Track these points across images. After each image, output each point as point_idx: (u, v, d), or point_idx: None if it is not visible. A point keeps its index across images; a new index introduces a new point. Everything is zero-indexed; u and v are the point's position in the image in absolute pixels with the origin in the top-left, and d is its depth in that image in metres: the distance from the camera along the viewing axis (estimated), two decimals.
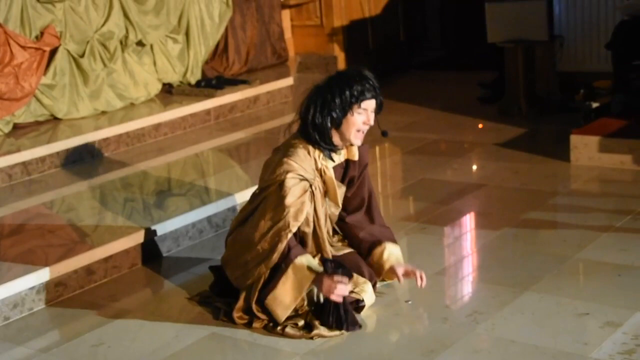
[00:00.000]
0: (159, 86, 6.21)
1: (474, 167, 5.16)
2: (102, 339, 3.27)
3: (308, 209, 3.16)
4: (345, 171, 3.38)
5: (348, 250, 3.45)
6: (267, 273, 3.13)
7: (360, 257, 3.44)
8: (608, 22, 6.44)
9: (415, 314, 3.31)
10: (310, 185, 3.16)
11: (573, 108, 5.90)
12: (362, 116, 3.19)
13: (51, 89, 5.53)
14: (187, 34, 6.38)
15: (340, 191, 3.37)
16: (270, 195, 3.15)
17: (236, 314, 3.21)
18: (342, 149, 3.29)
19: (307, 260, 3.13)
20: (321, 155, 3.21)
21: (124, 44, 5.92)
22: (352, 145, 3.29)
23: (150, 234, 3.99)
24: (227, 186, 4.67)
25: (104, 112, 5.80)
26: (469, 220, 4.30)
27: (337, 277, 3.07)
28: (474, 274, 3.69)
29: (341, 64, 7.35)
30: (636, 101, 5.32)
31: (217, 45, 6.68)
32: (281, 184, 3.10)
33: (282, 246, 3.09)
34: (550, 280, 3.50)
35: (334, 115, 3.15)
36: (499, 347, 3.00)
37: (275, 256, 3.10)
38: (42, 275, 3.56)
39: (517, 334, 3.07)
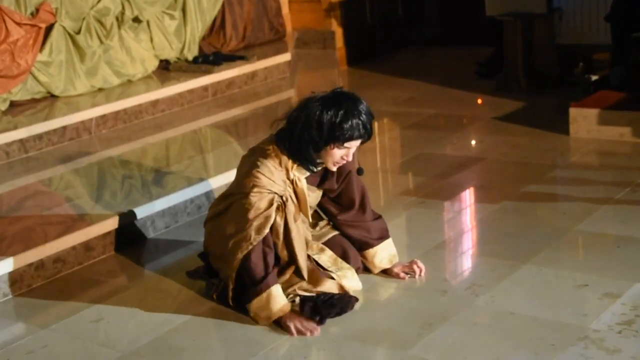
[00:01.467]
0: (156, 63, 6.18)
1: (473, 141, 5.14)
2: (101, 315, 3.27)
3: (277, 221, 3.09)
4: (323, 177, 3.27)
5: (334, 233, 3.40)
6: (234, 276, 3.10)
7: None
8: None
9: (414, 287, 3.31)
10: (282, 197, 3.10)
11: (572, 81, 5.89)
12: (342, 151, 3.08)
13: (47, 66, 5.50)
14: (183, 10, 6.33)
15: (315, 195, 3.30)
16: (236, 202, 3.10)
17: (231, 302, 3.19)
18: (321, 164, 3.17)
19: (280, 291, 3.07)
20: (294, 165, 3.11)
21: (120, 20, 5.88)
22: None
23: (148, 210, 3.98)
24: (225, 162, 4.66)
25: (100, 89, 5.77)
26: (467, 194, 4.29)
27: (308, 325, 3.01)
28: (473, 248, 3.68)
29: (339, 40, 7.31)
30: (635, 74, 5.29)
31: (214, 21, 6.64)
32: (246, 196, 3.05)
33: (241, 255, 3.03)
34: (549, 252, 3.49)
35: (316, 141, 3.02)
36: (498, 320, 3.00)
37: (236, 264, 3.06)
38: (40, 252, 3.55)
39: (516, 306, 3.07)
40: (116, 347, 3.02)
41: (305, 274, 3.18)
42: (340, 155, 3.10)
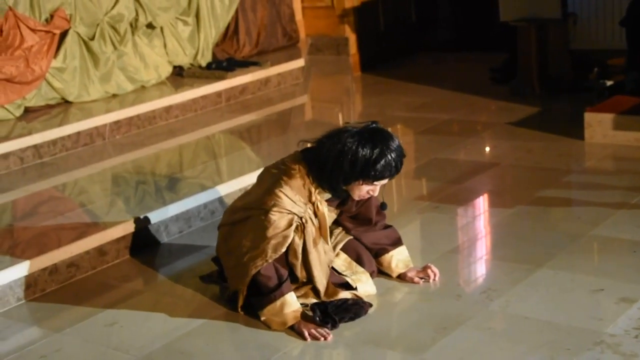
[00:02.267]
0: (170, 69, 6.19)
1: (487, 147, 5.12)
2: (115, 319, 3.27)
3: (296, 241, 3.09)
4: (343, 201, 3.26)
5: (348, 238, 3.39)
6: (245, 289, 3.09)
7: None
8: None
9: (428, 292, 3.29)
10: (301, 218, 3.09)
11: (586, 87, 5.85)
12: (370, 187, 3.09)
13: (62, 72, 5.52)
14: (197, 16, 6.35)
15: (332, 215, 3.29)
16: (255, 217, 3.09)
17: (240, 310, 3.19)
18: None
19: (294, 298, 3.07)
20: (318, 189, 3.10)
21: (134, 26, 5.90)
22: None
23: (162, 214, 3.98)
24: (239, 167, 4.66)
25: (114, 95, 5.79)
26: (482, 199, 4.27)
27: (321, 331, 2.99)
28: (488, 252, 3.66)
29: (352, 46, 7.31)
30: None
31: (227, 27, 6.65)
32: (266, 214, 3.04)
33: (254, 271, 3.02)
34: (565, 257, 3.47)
35: (347, 176, 3.03)
36: (512, 324, 2.98)
37: (248, 279, 3.05)
38: (54, 256, 3.56)
39: (531, 311, 3.05)
40: (129, 351, 3.02)
41: (322, 294, 3.17)
42: (367, 190, 3.10)
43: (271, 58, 6.61)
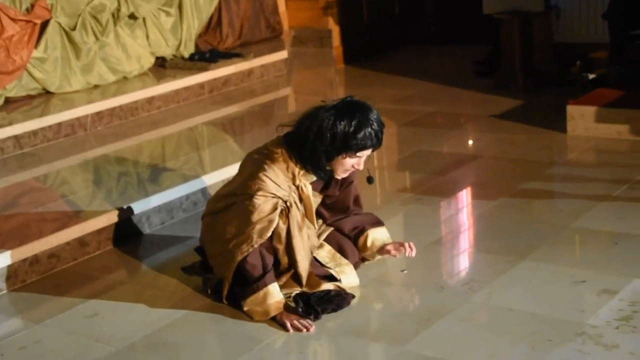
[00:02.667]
0: (152, 60, 6.15)
1: (470, 139, 5.13)
2: (96, 310, 3.24)
3: (281, 225, 3.08)
4: (326, 184, 3.26)
5: (330, 229, 3.38)
6: (230, 276, 3.07)
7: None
8: None
9: (411, 284, 3.29)
10: (286, 202, 3.07)
11: (570, 80, 5.87)
12: (354, 160, 3.07)
13: (43, 62, 5.47)
14: (180, 7, 6.30)
15: (316, 200, 3.28)
16: (239, 203, 3.07)
17: (225, 301, 3.17)
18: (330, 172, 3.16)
19: (277, 289, 3.06)
20: (301, 171, 3.09)
21: (116, 17, 5.85)
22: None
23: (143, 206, 3.95)
24: (222, 159, 4.64)
25: (96, 86, 5.74)
26: (465, 191, 4.27)
27: (303, 322, 2.98)
28: (470, 244, 3.66)
29: (336, 38, 7.29)
30: (633, 71, 5.28)
31: (210, 19, 6.61)
32: (250, 198, 3.02)
33: (240, 257, 3.00)
34: (547, 249, 3.48)
35: (329, 150, 3.01)
36: (495, 316, 2.99)
37: (234, 265, 3.03)
38: (34, 247, 3.53)
39: (514, 302, 3.05)
40: (111, 342, 3.00)
41: (304, 281, 3.16)
42: (352, 163, 3.08)
43: (254, 50, 6.58)
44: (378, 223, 3.43)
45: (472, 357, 2.72)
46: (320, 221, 3.40)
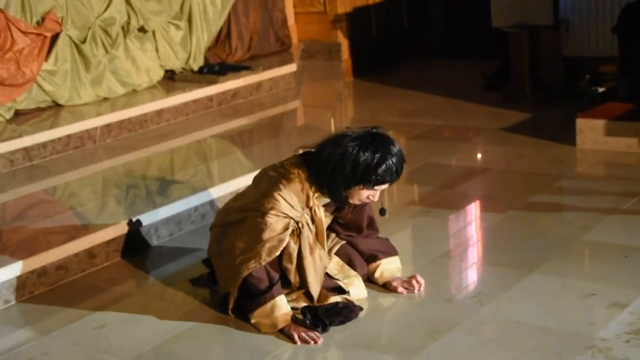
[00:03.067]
0: (161, 73, 6.18)
1: (479, 152, 5.12)
2: (104, 322, 3.24)
3: (292, 245, 3.08)
4: (338, 207, 3.26)
5: (342, 243, 3.37)
6: (236, 291, 3.07)
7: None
8: (614, 5, 6.36)
9: (419, 296, 3.28)
10: (298, 223, 3.07)
11: (578, 93, 5.86)
12: (371, 192, 3.08)
13: (52, 75, 5.50)
14: (189, 20, 6.34)
15: (327, 220, 3.27)
16: (251, 219, 3.06)
17: (231, 313, 3.17)
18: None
19: (285, 301, 3.05)
20: (316, 194, 3.09)
21: (125, 30, 5.89)
22: None
23: (152, 217, 3.96)
24: (230, 171, 4.64)
25: (106, 99, 5.77)
26: (473, 204, 4.26)
27: (311, 334, 2.97)
28: (479, 256, 3.65)
29: (345, 52, 7.30)
30: None
31: (219, 32, 6.65)
32: (263, 216, 3.02)
33: (246, 273, 2.99)
34: (556, 262, 3.46)
35: (347, 180, 3.01)
36: (503, 328, 2.97)
37: (239, 281, 3.03)
38: (43, 259, 3.53)
39: (522, 315, 3.04)
40: (118, 354, 2.99)
41: (315, 299, 3.15)
42: (367, 195, 3.09)
43: (263, 63, 6.60)
44: (391, 252, 3.40)
45: None
46: (333, 235, 3.39)
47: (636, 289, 3.15)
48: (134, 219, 3.88)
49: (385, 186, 3.08)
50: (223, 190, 4.28)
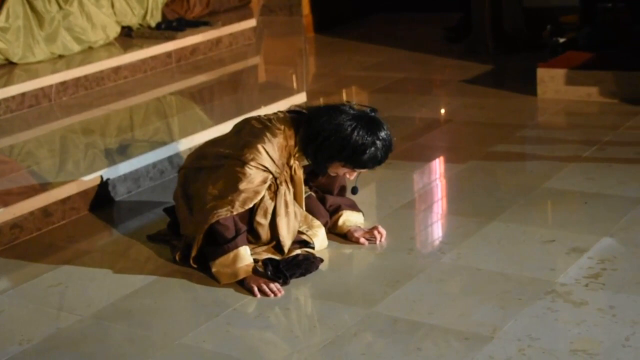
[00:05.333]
0: (118, 29, 6.03)
1: (441, 104, 5.10)
2: (59, 280, 3.18)
3: (268, 201, 3.06)
4: (314, 172, 3.27)
5: (309, 193, 3.35)
6: (201, 238, 3.03)
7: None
8: None
9: (381, 247, 3.26)
10: (276, 179, 3.05)
11: (540, 44, 5.84)
12: (349, 171, 3.11)
13: (4, 32, 5.35)
14: None
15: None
16: (229, 167, 3.02)
17: (193, 263, 3.12)
18: None
19: (248, 252, 3.02)
20: (298, 153, 3.07)
21: None
22: None
23: (109, 175, 3.88)
24: (190, 127, 4.56)
25: (61, 56, 5.63)
26: (435, 155, 4.24)
27: (272, 286, 2.94)
28: (440, 206, 3.64)
29: (305, 7, 7.22)
30: (602, 34, 5.26)
31: None
32: (242, 166, 2.98)
33: (214, 220, 2.95)
34: (517, 210, 3.46)
35: (332, 155, 3.00)
36: (464, 275, 2.96)
37: (206, 226, 2.98)
38: None
39: (483, 262, 3.03)
40: (75, 310, 2.94)
41: (286, 252, 3.13)
42: (345, 172, 3.12)
43: (222, 18, 6.48)
44: (355, 208, 3.40)
45: (442, 318, 2.69)
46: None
47: (595, 235, 3.16)
48: (91, 177, 3.81)
49: (365, 170, 3.11)
50: (182, 146, 4.21)
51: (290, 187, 3.12)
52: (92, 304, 2.98)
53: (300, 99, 4.94)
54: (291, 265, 3.06)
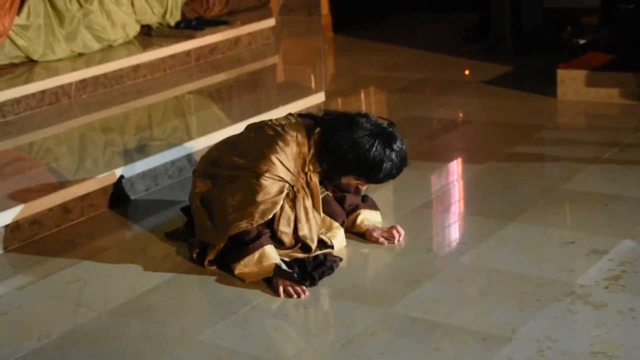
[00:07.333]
0: (138, 28, 6.05)
1: (460, 105, 5.07)
2: (78, 276, 3.19)
3: (288, 211, 3.06)
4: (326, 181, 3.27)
5: (326, 193, 3.33)
6: (222, 246, 3.04)
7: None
8: None
9: (399, 246, 3.25)
10: (292, 187, 3.05)
11: (560, 45, 5.81)
12: (361, 183, 3.15)
13: (25, 29, 5.38)
14: None
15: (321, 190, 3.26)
16: (245, 178, 3.01)
17: (207, 265, 3.13)
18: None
19: (273, 251, 3.02)
20: (312, 160, 3.07)
21: None
22: None
23: (127, 172, 3.90)
24: (208, 126, 4.57)
25: (80, 54, 5.65)
26: (453, 155, 4.23)
27: (297, 288, 2.92)
28: (459, 207, 3.62)
29: (324, 6, 7.21)
30: (623, 35, 5.23)
31: None
32: (257, 178, 2.98)
33: (235, 232, 2.96)
34: (536, 211, 3.44)
35: (348, 169, 3.03)
36: (482, 276, 2.95)
37: (225, 238, 3.00)
38: (16, 213, 3.46)
39: (502, 263, 3.02)
40: (93, 307, 2.95)
41: (313, 248, 3.13)
42: (358, 184, 3.17)
43: (241, 18, 6.49)
44: (373, 207, 3.39)
45: (460, 318, 2.68)
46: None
47: (616, 236, 3.14)
48: (109, 174, 3.82)
49: (376, 184, 3.15)
50: (200, 145, 4.21)
51: (308, 192, 3.12)
52: (110, 300, 2.98)
53: (318, 98, 4.93)
54: (316, 265, 3.05)
